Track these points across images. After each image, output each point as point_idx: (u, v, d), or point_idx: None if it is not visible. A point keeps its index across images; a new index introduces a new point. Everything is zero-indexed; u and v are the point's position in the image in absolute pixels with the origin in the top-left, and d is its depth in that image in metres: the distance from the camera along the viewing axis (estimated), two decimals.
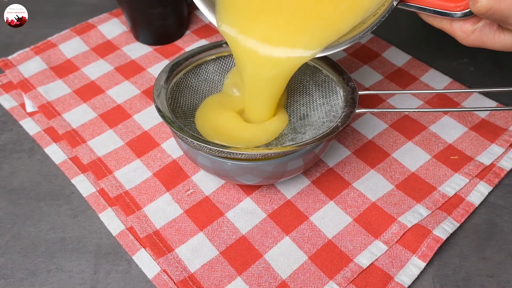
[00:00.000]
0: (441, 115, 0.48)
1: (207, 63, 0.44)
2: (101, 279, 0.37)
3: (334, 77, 0.42)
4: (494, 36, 0.33)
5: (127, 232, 0.40)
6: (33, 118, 0.49)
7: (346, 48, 0.55)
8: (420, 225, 0.39)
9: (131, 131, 0.47)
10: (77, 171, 0.44)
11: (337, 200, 0.41)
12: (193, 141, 0.36)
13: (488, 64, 0.54)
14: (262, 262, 0.38)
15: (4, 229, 0.41)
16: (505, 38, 0.33)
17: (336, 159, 0.44)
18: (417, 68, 0.53)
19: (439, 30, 0.36)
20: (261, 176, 0.38)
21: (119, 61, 0.55)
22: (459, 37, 0.34)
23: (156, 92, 0.40)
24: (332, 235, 0.39)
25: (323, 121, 0.40)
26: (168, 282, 0.36)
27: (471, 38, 0.34)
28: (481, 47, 0.34)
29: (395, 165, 0.44)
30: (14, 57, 0.55)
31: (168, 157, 0.45)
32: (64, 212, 0.42)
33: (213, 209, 0.41)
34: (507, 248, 0.39)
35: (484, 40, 0.33)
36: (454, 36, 0.35)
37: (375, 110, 0.40)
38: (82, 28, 0.58)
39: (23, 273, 0.38)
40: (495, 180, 0.43)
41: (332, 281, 0.36)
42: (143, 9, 0.52)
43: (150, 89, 0.51)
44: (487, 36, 0.33)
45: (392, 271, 0.37)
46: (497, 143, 0.45)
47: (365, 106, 0.49)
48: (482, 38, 0.33)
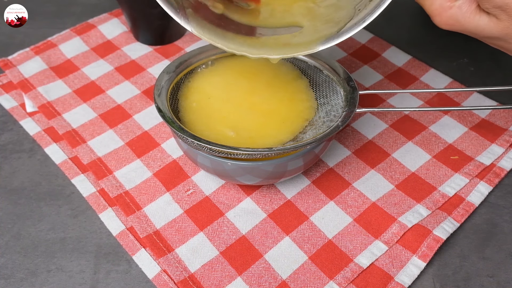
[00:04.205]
0: (441, 115, 0.48)
1: (207, 63, 0.44)
2: (101, 279, 0.37)
3: (335, 77, 0.42)
4: (470, 15, 0.33)
5: (127, 232, 0.40)
6: (33, 118, 0.49)
7: (346, 48, 0.56)
8: (420, 225, 0.39)
9: (131, 131, 0.47)
10: (77, 171, 0.44)
11: (337, 200, 0.41)
12: (193, 141, 0.36)
13: (488, 64, 0.54)
14: (262, 262, 0.38)
15: (4, 229, 0.41)
16: (480, 20, 0.33)
17: (336, 159, 0.44)
18: (417, 68, 0.53)
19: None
20: (261, 176, 0.38)
21: (119, 61, 0.55)
22: (434, 11, 0.34)
23: (157, 92, 0.40)
24: (332, 235, 0.39)
25: (323, 120, 0.40)
26: (168, 282, 0.36)
27: (447, 15, 0.33)
28: (452, 28, 0.34)
29: (395, 165, 0.44)
30: (14, 57, 0.55)
31: (168, 157, 0.45)
32: (64, 212, 0.42)
33: (213, 209, 0.41)
34: (507, 248, 0.39)
35: (458, 19, 0.33)
36: (430, 11, 0.34)
37: (376, 109, 0.41)
38: (82, 28, 0.58)
39: (23, 273, 0.38)
40: (495, 180, 0.43)
41: (332, 281, 0.36)
42: (143, 9, 0.52)
43: (150, 89, 0.51)
44: (463, 15, 0.33)
45: (392, 271, 0.37)
46: (497, 143, 0.45)
47: (365, 106, 0.49)
48: (458, 17, 0.33)
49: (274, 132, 0.39)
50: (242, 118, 0.40)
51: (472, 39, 0.56)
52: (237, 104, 0.42)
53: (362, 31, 0.58)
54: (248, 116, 0.41)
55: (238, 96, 0.42)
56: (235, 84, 0.43)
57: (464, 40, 0.57)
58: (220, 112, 0.41)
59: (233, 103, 0.42)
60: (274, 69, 0.44)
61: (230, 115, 0.41)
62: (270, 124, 0.40)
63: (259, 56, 0.37)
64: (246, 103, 0.42)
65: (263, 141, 0.39)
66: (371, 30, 0.58)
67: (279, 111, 0.41)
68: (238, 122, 0.40)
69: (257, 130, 0.40)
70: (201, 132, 0.39)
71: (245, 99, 0.42)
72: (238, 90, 0.43)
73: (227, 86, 0.43)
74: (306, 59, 0.44)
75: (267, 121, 0.40)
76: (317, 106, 0.41)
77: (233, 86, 0.43)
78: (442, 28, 0.35)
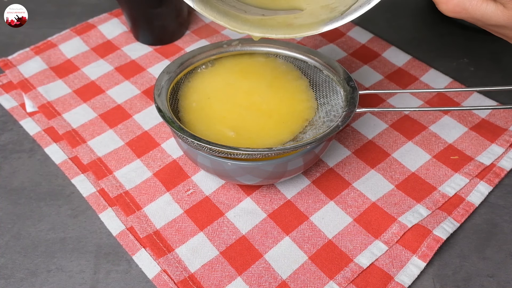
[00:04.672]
0: (441, 115, 0.48)
1: (207, 63, 0.44)
2: (101, 279, 0.37)
3: (335, 77, 0.42)
4: (477, 3, 0.33)
5: (127, 232, 0.40)
6: (33, 118, 0.49)
7: (346, 48, 0.56)
8: (420, 225, 0.39)
9: (131, 131, 0.47)
10: (77, 171, 0.44)
11: (337, 200, 0.41)
12: (193, 141, 0.36)
13: (488, 64, 0.54)
14: (262, 262, 0.38)
15: (4, 229, 0.41)
16: (487, 8, 0.33)
17: (336, 159, 0.44)
18: (417, 68, 0.53)
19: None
20: (261, 176, 0.38)
21: (119, 61, 0.55)
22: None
23: (157, 92, 0.40)
24: (332, 235, 0.39)
25: (323, 120, 0.40)
26: (168, 282, 0.36)
27: (453, 2, 0.33)
28: (458, 15, 0.34)
29: (395, 165, 0.44)
30: (14, 57, 0.55)
31: (168, 157, 0.45)
32: (64, 212, 0.42)
33: (213, 209, 0.41)
34: (507, 248, 0.39)
35: (466, 6, 0.33)
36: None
37: (376, 109, 0.41)
38: (82, 28, 0.58)
39: (23, 273, 0.38)
40: (495, 180, 0.43)
41: (332, 281, 0.36)
42: (143, 9, 0.52)
43: (150, 89, 0.51)
44: (470, 2, 0.33)
45: (392, 271, 0.37)
46: (497, 143, 0.45)
47: (365, 106, 0.49)
48: (465, 4, 0.33)
49: (274, 132, 0.39)
50: (242, 118, 0.40)
51: (472, 39, 0.57)
52: (237, 104, 0.42)
53: (362, 31, 0.58)
54: (248, 116, 0.41)
55: (238, 96, 0.42)
56: (235, 84, 0.43)
57: (464, 40, 0.57)
58: (220, 112, 0.41)
59: (233, 103, 0.42)
60: (274, 69, 0.44)
61: (230, 115, 0.41)
62: (270, 124, 0.40)
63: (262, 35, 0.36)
64: (246, 103, 0.42)
65: (263, 141, 0.39)
66: (371, 30, 0.58)
67: (279, 111, 0.41)
68: (238, 122, 0.40)
69: (257, 130, 0.40)
70: (201, 132, 0.39)
71: (245, 99, 0.42)
72: (238, 90, 0.43)
73: (227, 86, 0.43)
74: (306, 59, 0.44)
75: (267, 121, 0.40)
76: (317, 106, 0.41)
77: (233, 86, 0.43)
78: (448, 16, 0.34)
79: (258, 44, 0.45)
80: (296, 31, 0.36)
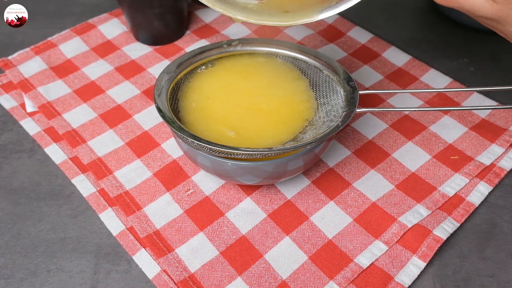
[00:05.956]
0: (441, 115, 0.48)
1: (207, 63, 0.44)
2: (101, 279, 0.37)
3: (335, 77, 0.42)
4: None
5: (127, 232, 0.40)
6: (33, 118, 0.49)
7: (346, 48, 0.56)
8: (420, 225, 0.39)
9: (131, 131, 0.47)
10: (77, 171, 0.44)
11: (337, 200, 0.41)
12: (193, 141, 0.36)
13: (488, 64, 0.54)
14: (262, 262, 0.38)
15: (4, 229, 0.41)
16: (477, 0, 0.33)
17: (336, 159, 0.45)
18: (417, 68, 0.53)
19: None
20: (261, 176, 0.38)
21: (119, 61, 0.55)
22: None
23: (157, 92, 0.40)
24: (332, 235, 0.39)
25: (323, 120, 0.40)
26: (168, 282, 0.36)
27: None
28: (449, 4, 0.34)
29: (395, 165, 0.44)
30: (14, 57, 0.55)
31: (168, 157, 0.45)
32: (64, 212, 0.42)
33: (213, 209, 0.41)
34: (507, 248, 0.39)
35: None
36: None
37: (376, 109, 0.41)
38: (82, 28, 0.58)
39: (23, 273, 0.38)
40: (495, 180, 0.43)
41: (332, 281, 0.36)
42: (143, 9, 0.52)
43: (150, 89, 0.51)
44: None
45: (392, 271, 0.37)
46: (497, 143, 0.45)
47: (365, 106, 0.49)
48: None
49: (274, 132, 0.39)
50: (242, 118, 0.40)
51: (472, 39, 0.57)
52: (237, 104, 0.42)
53: (362, 31, 0.58)
54: (248, 116, 0.41)
55: (238, 96, 0.42)
56: (235, 84, 0.43)
57: (464, 40, 0.57)
58: (220, 112, 0.41)
59: (233, 103, 0.42)
60: (274, 69, 0.44)
61: (230, 115, 0.41)
62: (270, 124, 0.40)
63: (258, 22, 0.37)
64: (246, 103, 0.42)
65: (263, 141, 0.39)
66: (371, 30, 0.58)
67: (279, 111, 0.41)
68: (238, 122, 0.40)
69: (257, 130, 0.40)
70: (201, 132, 0.39)
71: (245, 99, 0.42)
72: (238, 90, 0.43)
73: (227, 86, 0.43)
74: (306, 59, 0.44)
75: (267, 121, 0.40)
76: (317, 106, 0.41)
77: (233, 86, 0.43)
78: (440, 4, 0.35)
79: (258, 44, 0.45)
80: (292, 19, 0.36)
